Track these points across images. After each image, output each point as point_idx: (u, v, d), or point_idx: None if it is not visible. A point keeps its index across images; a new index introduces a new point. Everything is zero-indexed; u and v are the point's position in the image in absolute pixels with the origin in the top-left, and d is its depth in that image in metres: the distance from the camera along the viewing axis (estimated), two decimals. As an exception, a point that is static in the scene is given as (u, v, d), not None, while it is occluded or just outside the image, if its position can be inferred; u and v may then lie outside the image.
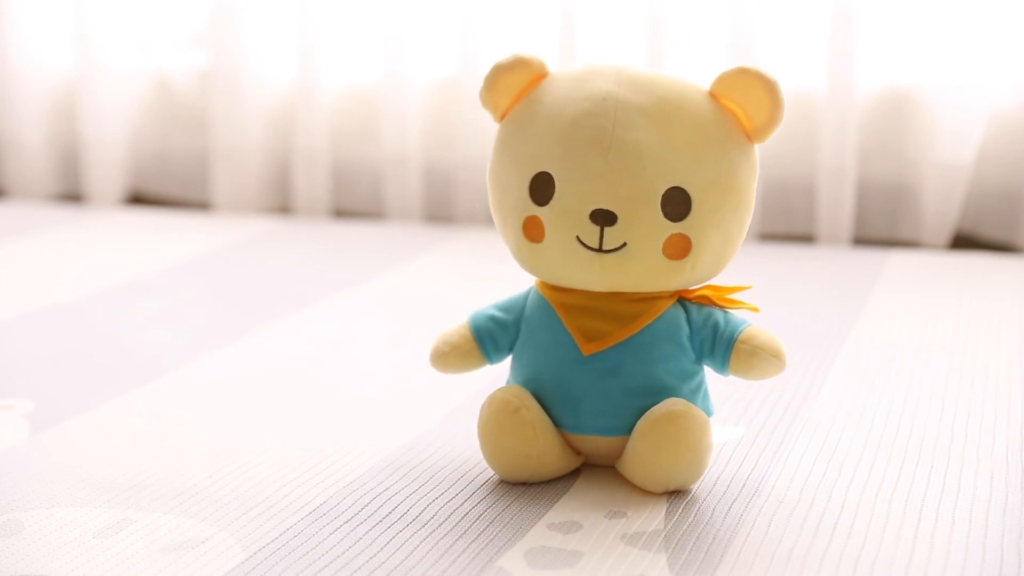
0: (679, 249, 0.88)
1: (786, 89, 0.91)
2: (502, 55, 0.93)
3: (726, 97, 0.90)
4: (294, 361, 1.25)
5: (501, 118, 0.93)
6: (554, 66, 0.94)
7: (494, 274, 1.45)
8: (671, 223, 0.87)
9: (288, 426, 1.07)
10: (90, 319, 1.39)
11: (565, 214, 0.88)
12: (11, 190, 2.14)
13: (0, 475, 0.96)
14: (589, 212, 0.87)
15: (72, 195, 2.13)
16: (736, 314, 0.94)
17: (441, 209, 1.94)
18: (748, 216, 0.91)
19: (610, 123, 0.87)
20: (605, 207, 0.87)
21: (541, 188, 0.89)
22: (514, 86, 0.92)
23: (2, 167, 2.15)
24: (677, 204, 0.87)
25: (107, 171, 2.06)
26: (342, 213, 2.01)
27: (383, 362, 1.24)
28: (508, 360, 0.98)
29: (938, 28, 1.73)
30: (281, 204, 2.03)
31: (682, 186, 0.87)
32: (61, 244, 1.76)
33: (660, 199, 0.87)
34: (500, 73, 0.92)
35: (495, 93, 0.92)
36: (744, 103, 0.90)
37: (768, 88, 0.89)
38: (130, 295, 1.48)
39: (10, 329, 1.36)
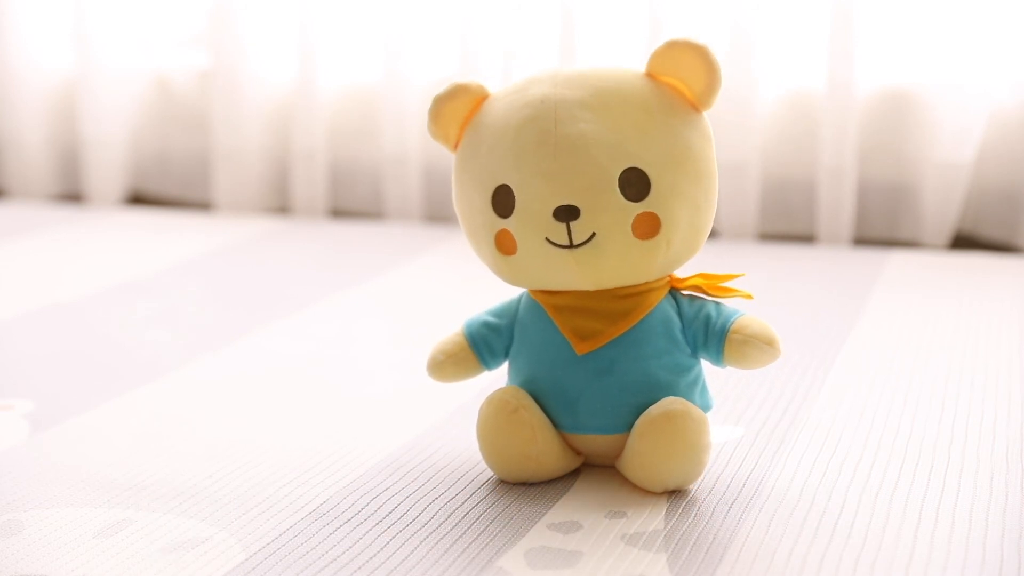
0: (648, 227, 0.88)
1: (786, 89, 0.91)
2: (440, 88, 0.94)
3: (662, 73, 0.91)
4: (294, 361, 1.25)
5: (455, 147, 0.94)
6: (494, 88, 0.95)
7: (493, 275, 1.45)
8: (634, 203, 0.88)
9: (288, 426, 1.07)
10: (90, 319, 1.39)
11: (530, 219, 0.88)
12: (11, 190, 2.14)
13: (0, 475, 0.96)
14: (551, 211, 0.87)
15: (72, 195, 2.13)
16: (728, 304, 0.94)
17: (441, 209, 1.94)
18: (712, 184, 0.92)
19: (551, 123, 0.88)
20: (565, 202, 0.87)
21: (503, 200, 0.90)
22: (458, 113, 0.93)
23: (2, 167, 2.15)
24: (635, 184, 0.88)
25: (107, 171, 2.06)
26: (342, 213, 2.01)
27: (383, 362, 1.24)
28: (506, 364, 0.98)
29: (938, 28, 1.73)
30: (281, 204, 2.03)
31: (636, 165, 0.88)
32: (61, 244, 1.76)
33: (617, 182, 0.87)
34: (442, 104, 0.93)
35: (442, 124, 0.94)
36: (680, 75, 0.90)
37: (700, 54, 0.89)
38: (130, 295, 1.49)
39: (10, 329, 1.36)
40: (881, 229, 1.80)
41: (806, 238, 1.81)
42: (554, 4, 1.81)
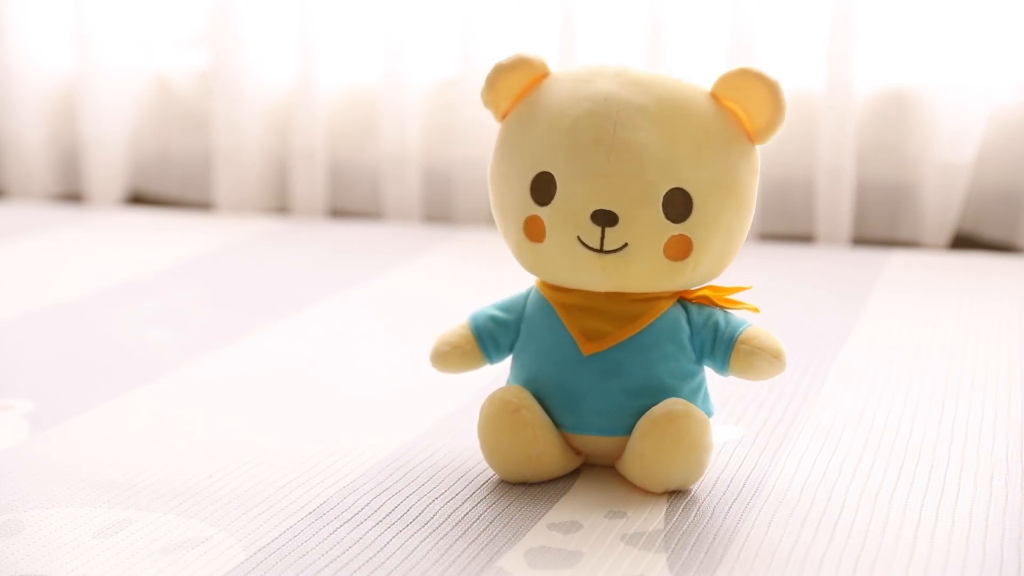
0: (680, 250, 0.88)
1: (786, 89, 0.91)
2: (503, 54, 0.93)
3: (728, 98, 0.90)
4: (294, 361, 1.25)
5: (503, 118, 0.93)
6: (555, 66, 0.94)
7: (494, 274, 1.45)
8: (672, 224, 0.87)
9: (288, 426, 1.07)
10: (90, 319, 1.39)
11: (566, 214, 0.88)
12: (11, 190, 2.14)
13: (0, 475, 0.96)
14: (591, 212, 0.87)
15: (72, 195, 2.13)
16: (736, 314, 0.94)
17: (440, 209, 1.94)
18: (749, 217, 0.91)
19: (611, 124, 0.87)
20: (607, 207, 0.87)
21: (542, 188, 0.89)
22: (515, 86, 0.92)
23: (2, 167, 2.15)
24: (678, 205, 0.87)
25: (107, 171, 2.06)
26: (341, 213, 2.01)
27: (383, 362, 1.24)
28: (508, 360, 0.98)
29: (938, 28, 1.73)
30: (281, 204, 2.03)
31: (683, 187, 0.87)
32: (61, 244, 1.76)
33: (661, 200, 0.87)
34: (501, 73, 0.92)
35: (496, 93, 0.92)
36: (746, 104, 0.90)
37: (770, 89, 0.89)
38: (130, 295, 1.48)
39: (10, 329, 1.36)
40: (881, 229, 1.80)
41: (806, 238, 1.81)
42: (554, 4, 1.81)
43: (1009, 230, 1.74)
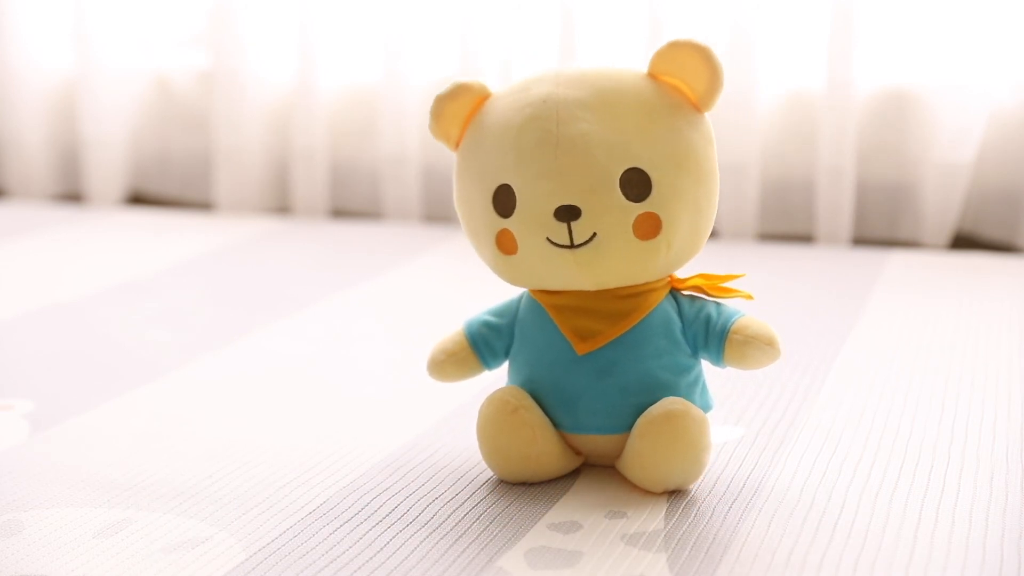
0: (649, 228, 0.88)
1: (786, 89, 0.91)
2: (442, 86, 0.94)
3: (665, 73, 0.91)
4: (294, 361, 1.25)
5: (456, 146, 0.94)
6: (496, 86, 0.95)
7: (493, 274, 1.45)
8: (634, 204, 0.88)
9: (288, 426, 1.07)
10: (90, 319, 1.39)
11: (531, 219, 0.88)
12: (11, 190, 2.14)
13: (0, 475, 0.96)
14: (552, 211, 0.87)
15: (72, 195, 2.13)
16: (728, 305, 0.94)
17: (440, 209, 1.94)
18: (713, 185, 0.92)
19: (553, 123, 0.88)
20: (566, 203, 0.87)
21: (503, 200, 0.90)
22: (460, 112, 0.93)
23: (2, 167, 2.15)
24: (636, 184, 0.88)
25: (107, 171, 2.06)
26: (341, 213, 2.01)
27: (383, 362, 1.24)
28: (506, 364, 0.98)
29: (938, 28, 1.73)
30: (281, 204, 2.03)
31: (637, 166, 0.88)
32: (61, 244, 1.76)
33: (618, 183, 0.87)
34: (443, 103, 0.93)
35: (443, 123, 0.93)
36: (683, 75, 0.90)
37: (702, 55, 0.89)
38: (130, 295, 1.49)
39: (10, 329, 1.36)
40: (881, 229, 1.80)
41: (806, 238, 1.81)
42: (554, 4, 1.81)
43: (1009, 230, 1.74)
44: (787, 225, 1.82)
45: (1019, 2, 1.69)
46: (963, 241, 1.77)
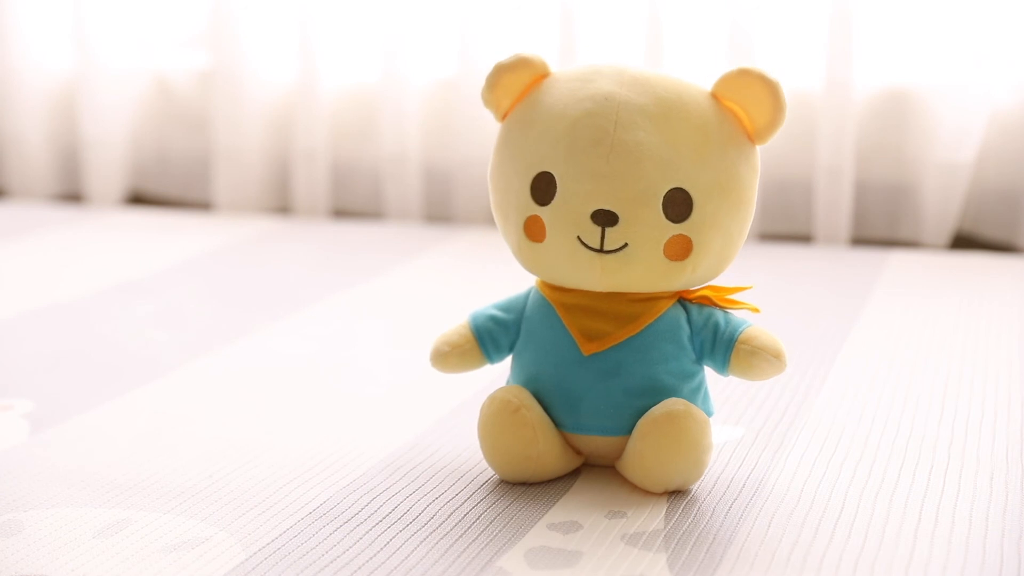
0: (680, 250, 0.88)
1: (785, 89, 0.91)
2: (504, 54, 0.93)
3: (728, 98, 0.90)
4: (294, 361, 1.25)
5: (503, 118, 0.93)
6: (555, 66, 0.93)
7: (494, 274, 1.45)
8: (672, 224, 0.87)
9: (288, 426, 1.07)
10: (90, 319, 1.39)
11: (567, 214, 0.88)
12: (11, 190, 2.14)
13: (0, 475, 0.96)
14: (591, 212, 0.87)
15: (72, 195, 2.13)
16: (737, 314, 0.94)
17: (441, 209, 1.94)
18: (749, 218, 0.91)
19: (612, 124, 0.87)
20: (607, 208, 0.87)
21: (543, 188, 0.89)
22: (516, 86, 0.92)
23: (2, 167, 2.15)
24: (678, 205, 0.87)
25: (107, 171, 2.06)
26: (342, 213, 2.01)
27: (383, 362, 1.24)
28: (508, 360, 0.98)
29: (938, 28, 1.73)
30: (281, 204, 2.03)
31: (683, 187, 0.87)
32: (61, 244, 1.76)
33: (661, 200, 0.87)
34: (502, 72, 0.92)
35: (497, 93, 0.92)
36: (746, 104, 0.90)
37: (770, 89, 0.89)
38: (130, 295, 1.49)
39: (10, 329, 1.36)
40: (881, 229, 1.80)
41: (805, 238, 1.81)
42: (554, 4, 1.81)
43: (1009, 230, 1.74)
44: (787, 225, 1.82)
45: (1019, 2, 1.69)
46: (963, 241, 1.77)
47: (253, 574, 0.81)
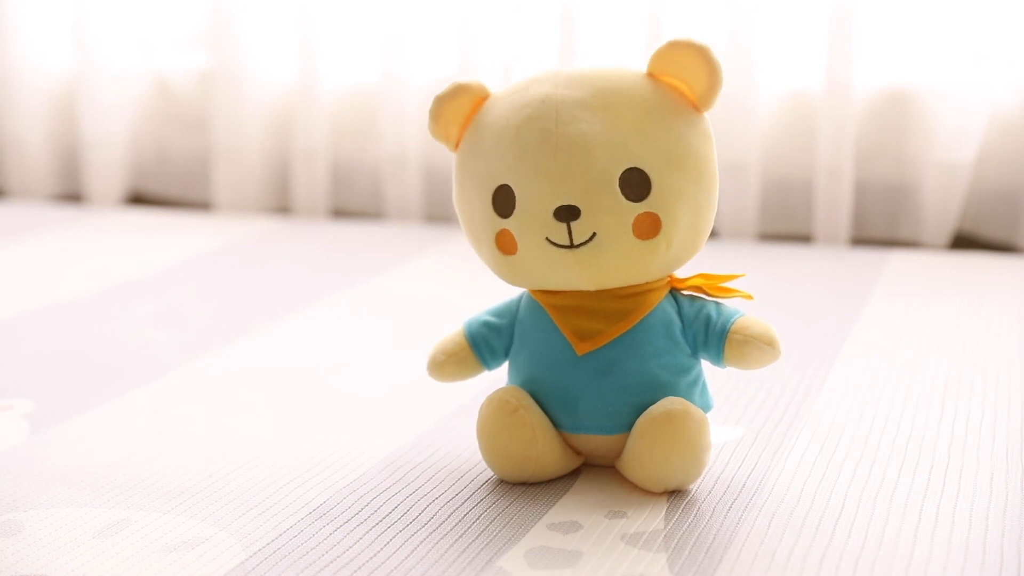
0: (648, 228, 0.88)
1: (785, 89, 0.91)
2: (441, 87, 0.94)
3: (664, 73, 0.91)
4: (294, 361, 1.25)
5: (456, 147, 0.94)
6: (496, 86, 0.95)
7: (493, 275, 1.45)
8: (634, 203, 0.88)
9: (288, 426, 1.07)
10: (90, 319, 1.39)
11: (530, 219, 0.88)
12: (11, 190, 2.14)
13: (0, 475, 0.96)
14: (552, 211, 0.88)
15: (72, 195, 2.13)
16: (728, 305, 0.94)
17: (441, 209, 1.94)
18: (713, 185, 0.92)
19: (552, 122, 0.88)
20: (566, 203, 0.87)
21: (503, 200, 0.90)
22: (459, 113, 0.93)
23: (2, 167, 2.15)
24: (635, 184, 0.88)
25: (107, 171, 2.06)
26: (342, 213, 2.01)
27: (383, 362, 1.24)
28: (506, 364, 0.98)
29: (938, 28, 1.73)
30: (281, 204, 2.03)
31: (636, 166, 0.88)
32: (61, 244, 1.76)
33: (617, 183, 0.87)
34: (442, 103, 0.93)
35: (442, 123, 0.93)
36: (682, 75, 0.90)
37: (701, 55, 0.89)
38: (130, 295, 1.49)
39: (10, 329, 1.36)
40: (881, 229, 1.80)
41: (805, 238, 1.81)
42: (554, 4, 1.81)
43: (1009, 230, 1.74)
44: (787, 225, 1.82)
45: (1019, 2, 1.69)
46: (963, 241, 1.77)
47: (253, 574, 0.81)
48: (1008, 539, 0.85)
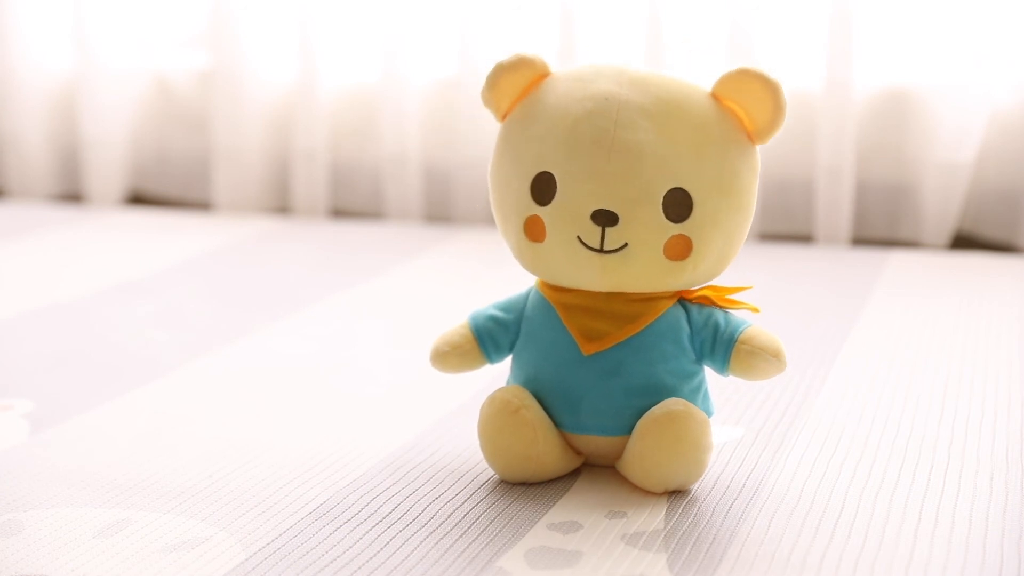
0: (680, 250, 0.88)
1: (785, 88, 0.91)
2: (504, 54, 0.93)
3: (728, 98, 0.90)
4: (294, 361, 1.25)
5: (503, 118, 0.93)
6: (556, 66, 0.94)
7: (494, 274, 1.46)
8: (672, 224, 0.87)
9: (288, 426, 1.07)
10: (90, 319, 1.39)
11: (567, 214, 0.88)
12: (11, 190, 2.14)
13: (0, 475, 0.96)
14: (591, 212, 0.87)
15: (72, 195, 2.13)
16: (736, 314, 0.94)
17: (441, 209, 1.94)
18: (749, 218, 0.91)
19: (612, 123, 0.87)
20: (607, 207, 0.87)
21: (543, 188, 0.89)
22: (516, 85, 0.92)
23: (2, 167, 2.15)
24: (678, 205, 0.87)
25: (107, 171, 2.06)
26: (342, 213, 2.01)
27: (383, 362, 1.24)
28: (508, 360, 0.98)
29: (938, 28, 1.73)
30: (281, 204, 2.03)
31: (683, 187, 0.87)
32: (61, 244, 1.76)
33: (662, 200, 0.87)
34: (502, 72, 0.92)
35: (497, 92, 0.92)
36: (746, 104, 0.90)
37: (770, 89, 0.89)
38: (130, 295, 1.48)
39: (10, 329, 1.36)
40: (881, 229, 1.80)
41: (806, 238, 1.81)
42: (554, 4, 1.81)
43: (1009, 230, 1.74)
44: (787, 225, 1.82)
45: (1019, 2, 1.69)
46: (963, 241, 1.77)
47: (253, 574, 0.81)
48: (1008, 539, 0.85)
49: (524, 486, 0.93)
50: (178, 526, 0.87)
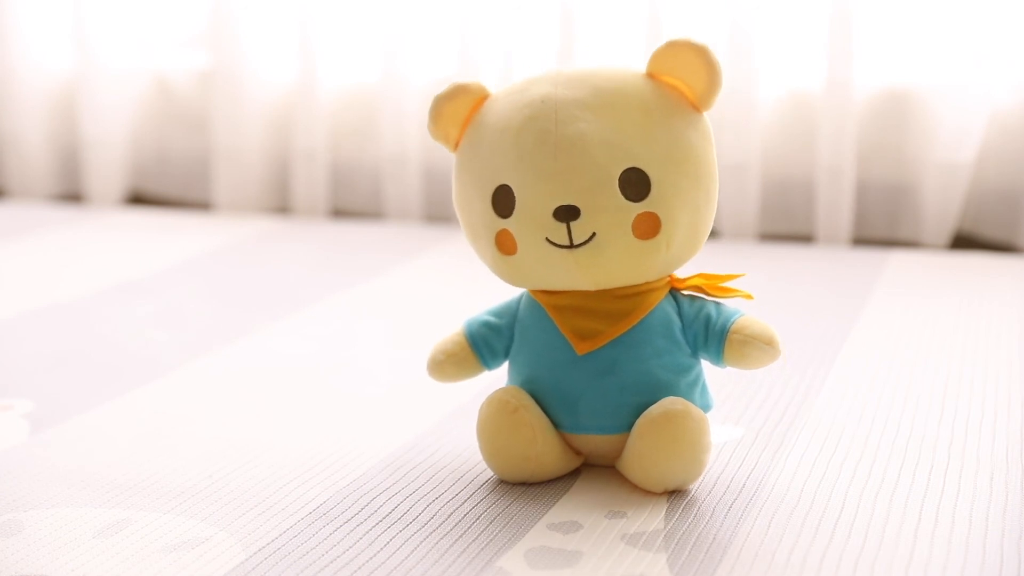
0: (648, 228, 0.88)
1: (786, 89, 0.91)
2: (441, 87, 0.94)
3: (663, 73, 0.91)
4: (294, 361, 1.25)
5: (455, 147, 0.94)
6: (496, 87, 0.95)
7: (493, 275, 1.45)
8: (633, 203, 0.88)
9: (288, 426, 1.07)
10: (90, 319, 1.39)
11: (530, 219, 0.88)
12: (11, 190, 2.14)
13: (0, 475, 0.96)
14: (552, 211, 0.88)
15: (72, 195, 2.13)
16: (728, 305, 0.94)
17: (441, 209, 1.94)
18: (713, 185, 0.92)
19: (552, 123, 0.88)
20: (565, 203, 0.87)
21: (503, 200, 0.90)
22: (458, 114, 0.93)
23: (2, 167, 2.15)
24: (635, 184, 0.88)
25: (107, 171, 2.06)
26: (342, 213, 2.01)
27: (383, 362, 1.24)
28: (506, 364, 0.98)
29: (938, 28, 1.73)
30: (281, 204, 2.03)
31: (636, 166, 0.88)
32: (61, 244, 1.76)
33: (617, 182, 0.87)
34: (442, 103, 0.93)
35: (441, 124, 0.93)
36: (681, 75, 0.90)
37: (700, 54, 0.89)
38: (130, 295, 1.49)
39: (10, 329, 1.36)
40: (881, 229, 1.80)
41: (806, 238, 1.81)
42: (554, 4, 1.81)
43: (1009, 230, 1.74)
44: (787, 225, 1.82)
45: (1019, 2, 1.69)
46: (963, 241, 1.77)
47: (253, 574, 0.81)
48: (1008, 539, 0.85)
49: (524, 486, 0.93)
50: (178, 526, 0.87)
